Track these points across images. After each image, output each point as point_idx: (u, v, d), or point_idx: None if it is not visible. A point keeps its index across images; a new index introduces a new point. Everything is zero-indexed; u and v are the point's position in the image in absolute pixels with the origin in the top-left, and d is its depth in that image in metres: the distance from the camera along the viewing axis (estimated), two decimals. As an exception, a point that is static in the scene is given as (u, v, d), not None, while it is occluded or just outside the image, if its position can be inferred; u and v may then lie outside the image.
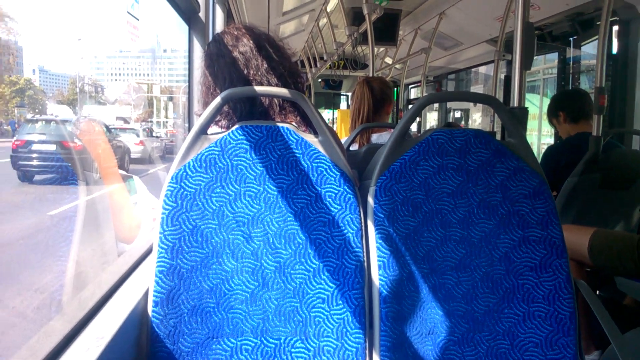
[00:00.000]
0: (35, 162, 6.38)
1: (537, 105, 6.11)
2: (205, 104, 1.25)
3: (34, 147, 6.44)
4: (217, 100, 1.06)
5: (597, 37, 2.35)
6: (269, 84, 1.21)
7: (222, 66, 1.22)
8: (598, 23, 2.28)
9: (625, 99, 2.87)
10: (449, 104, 7.19)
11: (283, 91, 1.10)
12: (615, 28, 2.87)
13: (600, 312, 1.07)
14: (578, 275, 1.86)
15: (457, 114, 8.21)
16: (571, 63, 3.72)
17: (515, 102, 1.47)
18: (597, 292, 2.15)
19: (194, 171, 1.05)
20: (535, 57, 1.51)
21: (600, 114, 2.19)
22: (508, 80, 4.27)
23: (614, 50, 2.92)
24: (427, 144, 1.13)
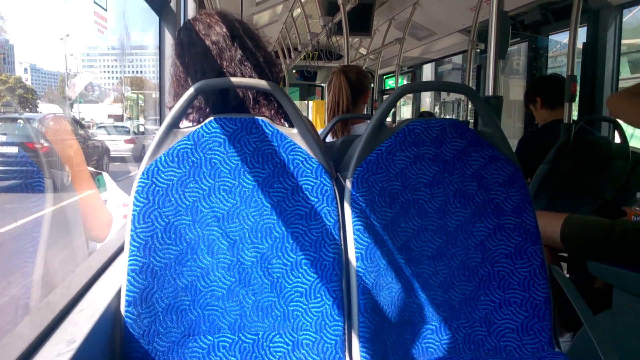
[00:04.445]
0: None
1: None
2: (177, 96, 1.19)
3: (-7, 150, 6.04)
4: (190, 91, 1.03)
5: (568, 27, 2.38)
6: (242, 76, 1.16)
7: (193, 56, 1.16)
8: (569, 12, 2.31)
9: (595, 86, 2.93)
10: (423, 95, 7.24)
11: (259, 82, 1.08)
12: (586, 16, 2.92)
13: (573, 296, 1.09)
14: (550, 260, 1.89)
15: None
16: (541, 52, 3.77)
17: (490, 91, 1.47)
18: (568, 276, 2.20)
19: (166, 166, 1.02)
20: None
21: (572, 102, 2.23)
22: (480, 70, 4.31)
23: (585, 38, 2.97)
24: (403, 135, 1.13)
